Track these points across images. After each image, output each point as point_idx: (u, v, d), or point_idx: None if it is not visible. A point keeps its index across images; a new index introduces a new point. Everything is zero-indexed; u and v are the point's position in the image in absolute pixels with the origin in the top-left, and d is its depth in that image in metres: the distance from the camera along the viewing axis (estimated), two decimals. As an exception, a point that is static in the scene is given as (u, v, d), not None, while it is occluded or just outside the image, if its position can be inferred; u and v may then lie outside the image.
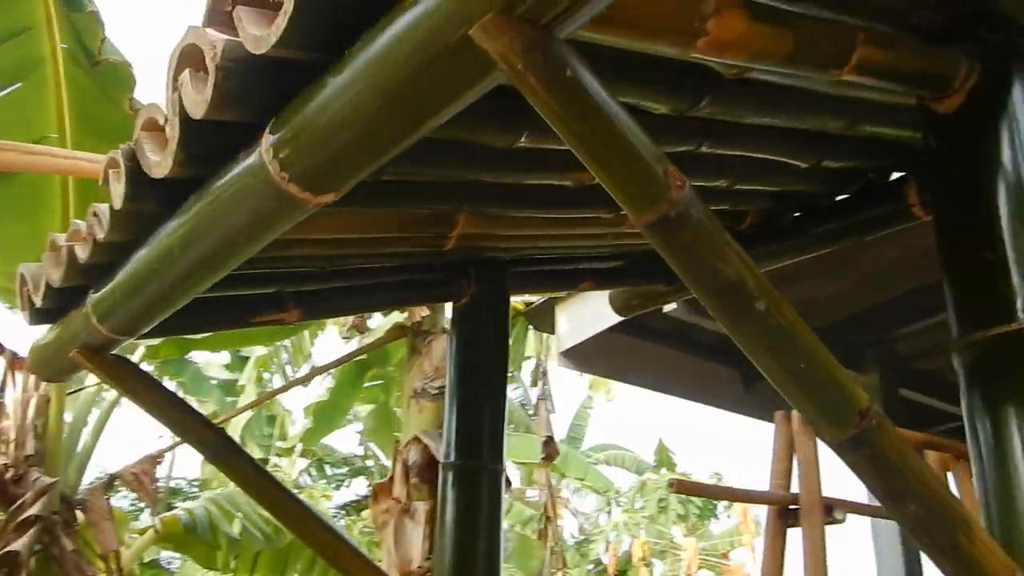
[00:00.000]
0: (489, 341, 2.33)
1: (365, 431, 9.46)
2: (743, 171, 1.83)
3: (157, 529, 5.96)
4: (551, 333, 4.69)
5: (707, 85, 1.35)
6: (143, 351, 5.83)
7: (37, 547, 3.76)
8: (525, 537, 11.59)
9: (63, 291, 1.54)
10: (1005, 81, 1.37)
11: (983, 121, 1.37)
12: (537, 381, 3.71)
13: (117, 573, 4.27)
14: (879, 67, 1.21)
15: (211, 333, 4.44)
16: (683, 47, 1.02)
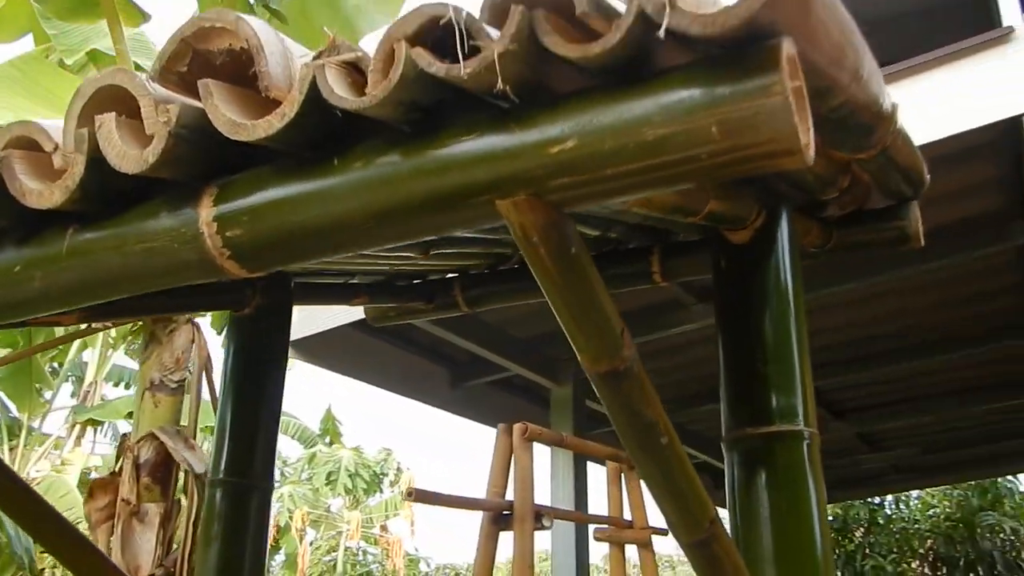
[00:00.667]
0: (270, 354, 2.31)
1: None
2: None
3: None
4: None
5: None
6: None
7: None
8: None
9: None
10: (778, 223, 1.71)
11: (763, 254, 1.70)
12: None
13: None
14: (692, 210, 1.44)
15: None
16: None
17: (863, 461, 8.28)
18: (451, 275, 2.76)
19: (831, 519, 11.54)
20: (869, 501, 11.36)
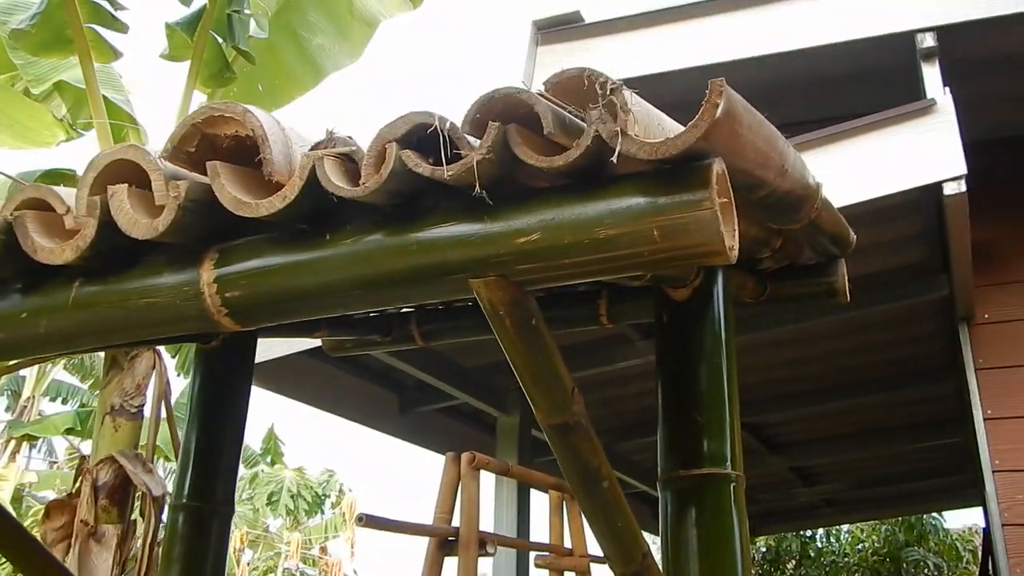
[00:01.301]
0: (234, 384, 2.40)
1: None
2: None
3: None
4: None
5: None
6: None
7: None
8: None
9: None
10: (715, 281, 1.89)
11: (700, 309, 1.87)
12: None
13: None
14: (638, 275, 1.60)
15: None
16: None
17: (797, 495, 8.54)
18: (407, 310, 2.89)
19: (764, 551, 11.82)
20: (801, 534, 11.65)
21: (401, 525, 3.39)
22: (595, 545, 4.46)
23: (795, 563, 11.73)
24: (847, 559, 11.73)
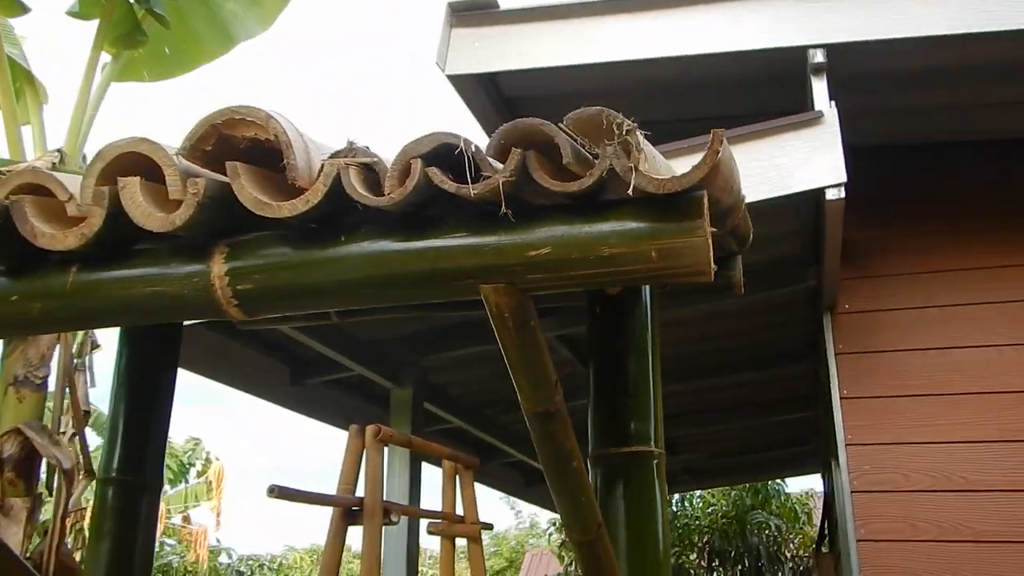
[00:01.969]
0: (162, 360, 2.42)
1: None
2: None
3: None
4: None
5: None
6: None
7: None
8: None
9: None
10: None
11: (630, 305, 2.05)
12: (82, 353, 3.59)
13: None
14: None
15: None
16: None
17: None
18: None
19: (626, 515, 12.39)
20: (662, 501, 12.30)
21: (308, 496, 3.46)
22: (485, 513, 4.66)
23: (654, 528, 12.37)
24: (699, 522, 12.48)
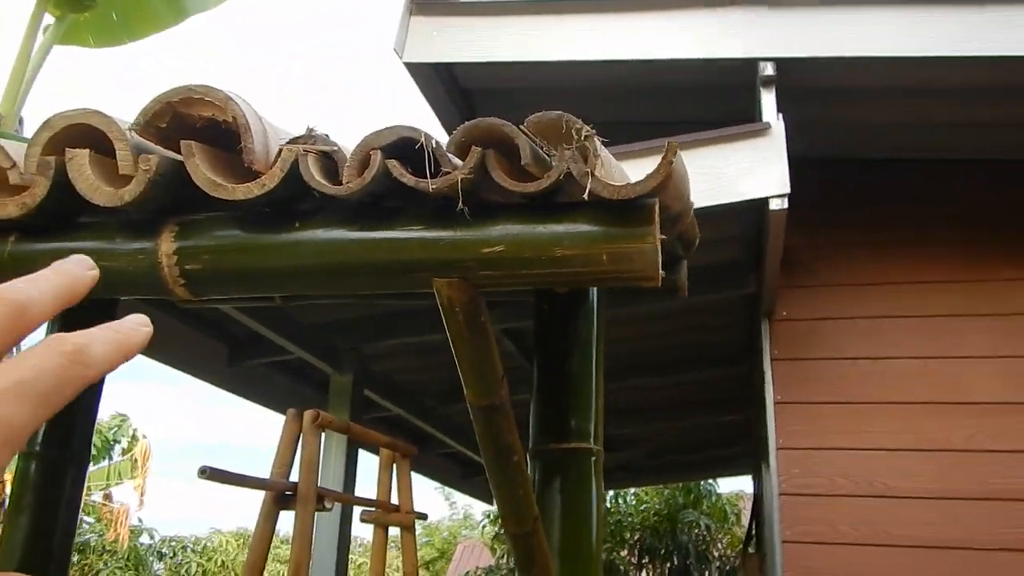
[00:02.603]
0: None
1: None
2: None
3: None
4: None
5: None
6: None
7: None
8: None
9: None
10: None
11: (578, 303, 2.08)
12: None
13: None
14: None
15: None
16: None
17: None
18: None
19: (558, 509, 12.52)
20: (594, 495, 12.45)
21: (241, 479, 3.42)
22: (420, 503, 4.66)
23: (584, 522, 12.51)
24: (631, 519, 12.66)
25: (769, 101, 3.43)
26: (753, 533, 8.45)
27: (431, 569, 21.46)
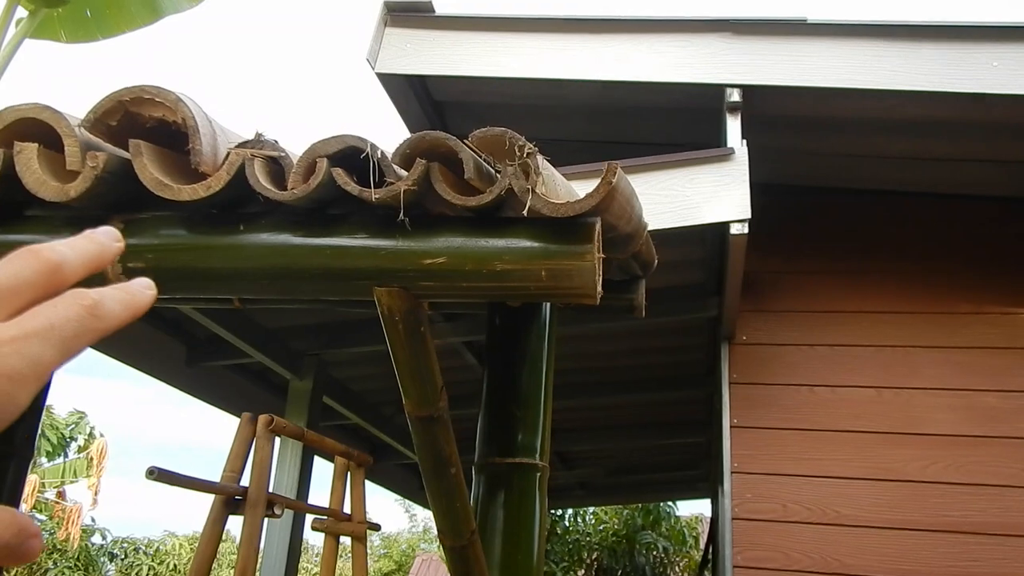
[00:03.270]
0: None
1: None
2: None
3: None
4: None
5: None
6: None
7: None
8: None
9: None
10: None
11: (529, 318, 2.10)
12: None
13: None
14: None
15: None
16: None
17: (556, 477, 9.17)
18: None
19: (517, 524, 12.50)
20: (552, 513, 12.46)
21: (190, 481, 3.38)
22: (380, 514, 4.64)
23: (543, 539, 12.49)
24: (589, 538, 12.65)
25: (734, 127, 3.48)
26: (709, 558, 8.49)
27: (388, 582, 21.28)
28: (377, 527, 4.84)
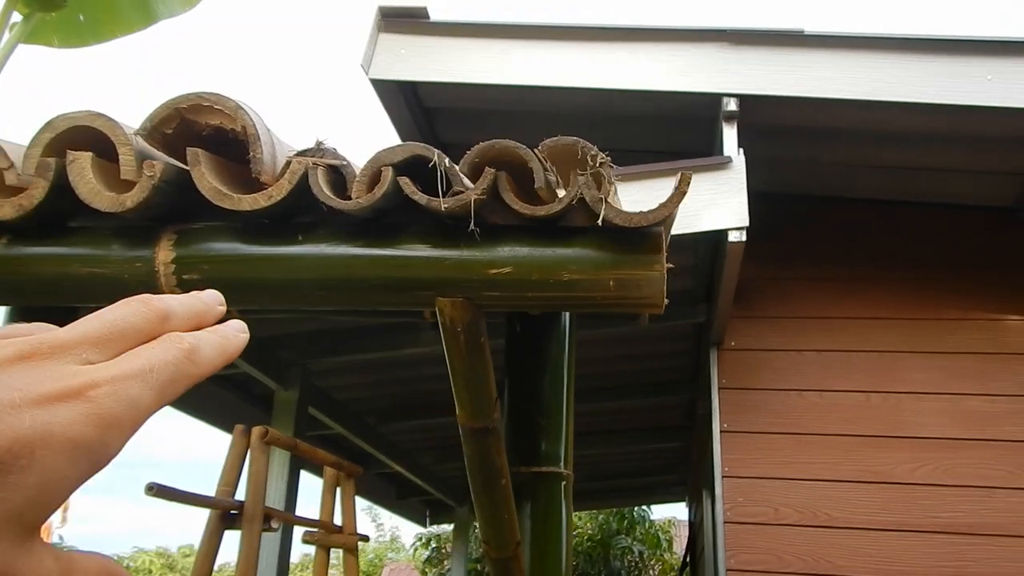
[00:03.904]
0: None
1: None
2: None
3: None
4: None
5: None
6: None
7: None
8: None
9: None
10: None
11: (550, 325, 2.09)
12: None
13: None
14: None
15: None
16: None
17: (534, 482, 9.15)
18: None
19: (494, 532, 12.49)
20: (529, 518, 12.42)
21: (187, 496, 3.33)
22: (364, 524, 4.60)
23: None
24: (565, 544, 12.58)
25: (731, 136, 3.52)
26: (687, 561, 8.53)
27: (359, 591, 21.05)
28: (366, 538, 4.79)
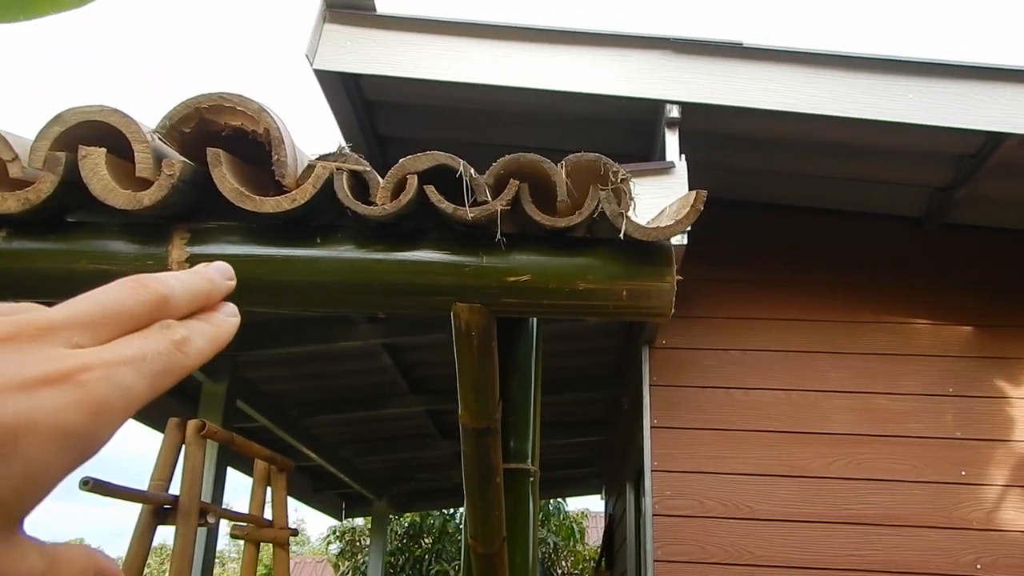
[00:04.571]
0: None
1: None
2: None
3: None
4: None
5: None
6: None
7: None
8: None
9: None
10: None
11: (518, 325, 2.14)
12: None
13: None
14: None
15: None
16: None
17: (453, 476, 9.21)
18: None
19: (407, 526, 12.49)
20: (444, 512, 12.49)
21: (122, 491, 3.23)
22: (292, 519, 4.56)
23: (433, 539, 12.53)
24: (479, 536, 12.66)
25: (673, 141, 3.63)
26: (604, 553, 8.72)
27: (265, 586, 20.70)
28: (295, 532, 4.75)
